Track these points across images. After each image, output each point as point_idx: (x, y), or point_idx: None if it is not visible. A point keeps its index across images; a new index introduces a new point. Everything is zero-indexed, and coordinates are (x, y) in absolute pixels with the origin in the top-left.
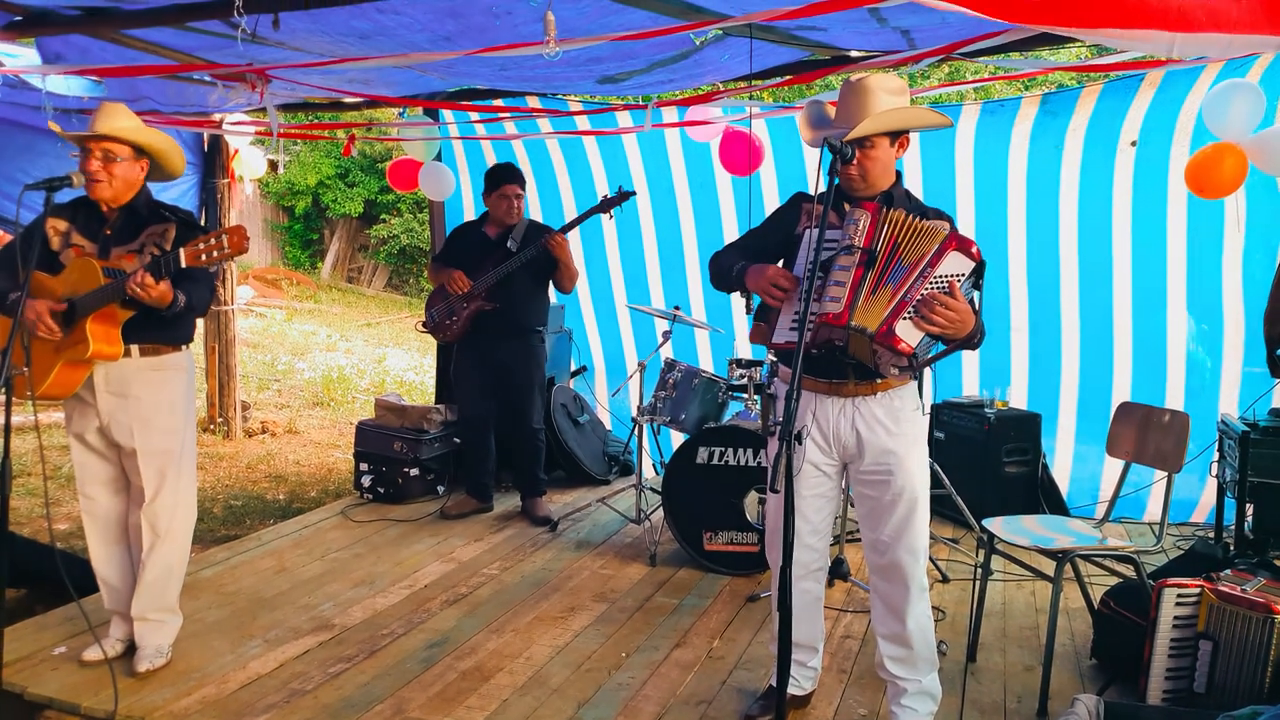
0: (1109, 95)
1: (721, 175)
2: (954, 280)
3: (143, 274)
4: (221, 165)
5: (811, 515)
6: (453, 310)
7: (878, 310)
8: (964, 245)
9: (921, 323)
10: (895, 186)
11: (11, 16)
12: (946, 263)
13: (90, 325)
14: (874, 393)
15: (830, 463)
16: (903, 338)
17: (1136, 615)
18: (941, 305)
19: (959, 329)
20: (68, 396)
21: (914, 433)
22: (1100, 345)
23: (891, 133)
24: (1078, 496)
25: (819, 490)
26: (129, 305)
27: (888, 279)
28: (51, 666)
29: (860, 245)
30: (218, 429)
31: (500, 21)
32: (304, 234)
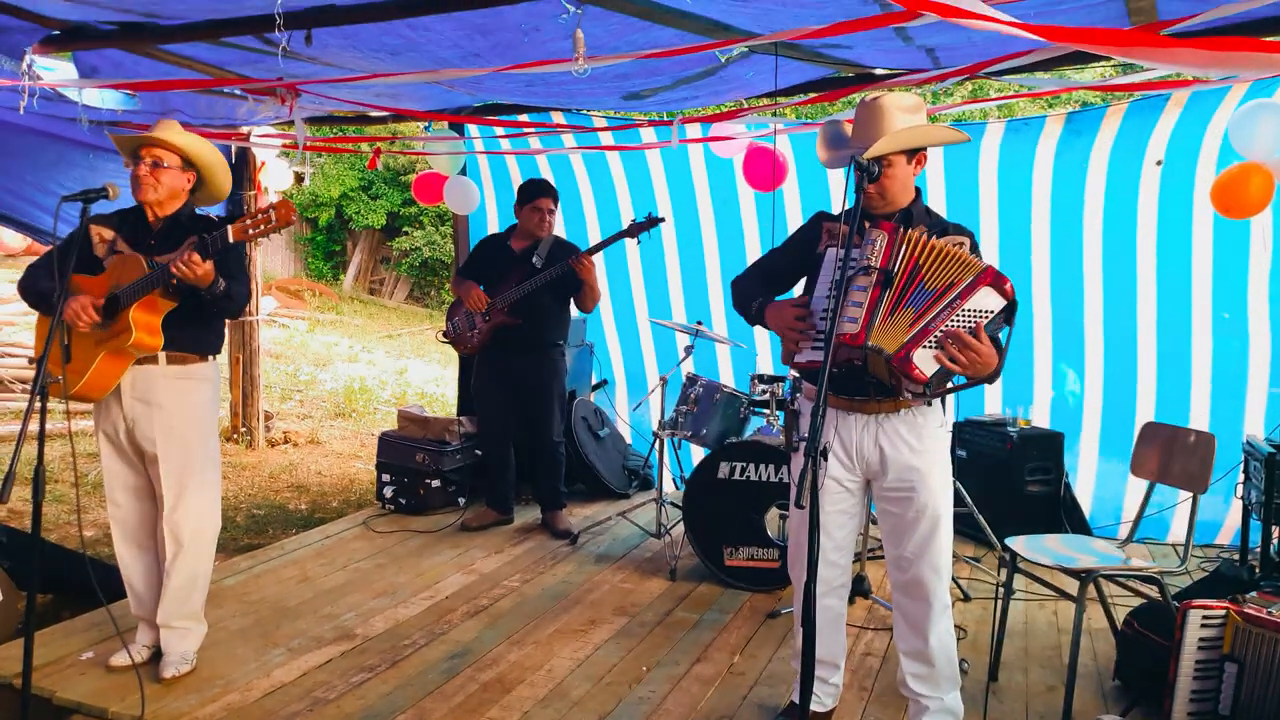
0: (1134, 114)
1: (744, 191)
2: (980, 320)
3: (190, 252)
4: (249, 177)
5: (835, 531)
6: (473, 322)
7: (896, 333)
8: (998, 282)
9: (941, 356)
10: (914, 204)
11: (49, 31)
12: (977, 298)
13: (133, 313)
14: (897, 410)
15: (853, 479)
16: (919, 366)
17: (1161, 636)
18: (964, 343)
19: (979, 369)
20: (102, 397)
21: (937, 450)
22: (1124, 364)
23: (908, 150)
24: (1101, 516)
25: (841, 506)
26: (172, 295)
27: (908, 301)
28: (79, 671)
29: (877, 265)
30: (241, 439)
31: (529, 39)
32: (327, 246)
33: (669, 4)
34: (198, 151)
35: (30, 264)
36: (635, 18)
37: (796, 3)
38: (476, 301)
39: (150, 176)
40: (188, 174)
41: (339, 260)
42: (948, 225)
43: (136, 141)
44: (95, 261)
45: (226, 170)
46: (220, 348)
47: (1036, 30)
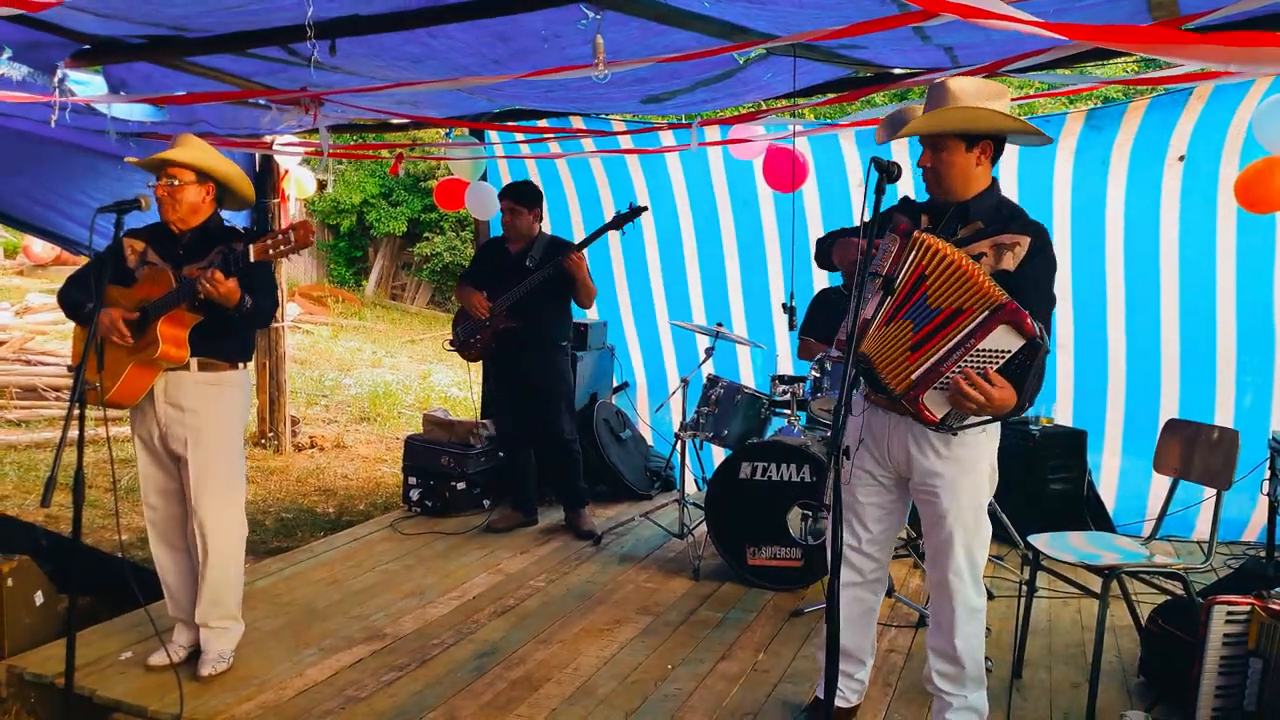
0: (1156, 110)
1: (764, 192)
2: (994, 362)
3: (214, 270)
4: (272, 185)
5: (871, 525)
6: (476, 329)
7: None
8: (1016, 319)
9: (953, 400)
10: (980, 197)
11: (80, 45)
12: (992, 337)
13: (161, 327)
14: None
15: (887, 475)
16: (929, 409)
17: (1185, 633)
18: (975, 389)
19: (994, 410)
20: (133, 403)
21: (969, 456)
22: (1148, 362)
23: (966, 137)
24: (1124, 514)
25: (876, 500)
26: (197, 309)
27: (906, 312)
28: (119, 671)
29: (881, 273)
30: (269, 443)
31: (548, 45)
32: (349, 252)
33: (687, 7)
34: (211, 166)
35: (70, 275)
36: (654, 22)
37: (814, 4)
38: (478, 307)
39: (170, 197)
40: (205, 187)
41: (361, 266)
42: (1012, 222)
43: (153, 164)
44: (129, 273)
45: (244, 177)
46: (251, 355)
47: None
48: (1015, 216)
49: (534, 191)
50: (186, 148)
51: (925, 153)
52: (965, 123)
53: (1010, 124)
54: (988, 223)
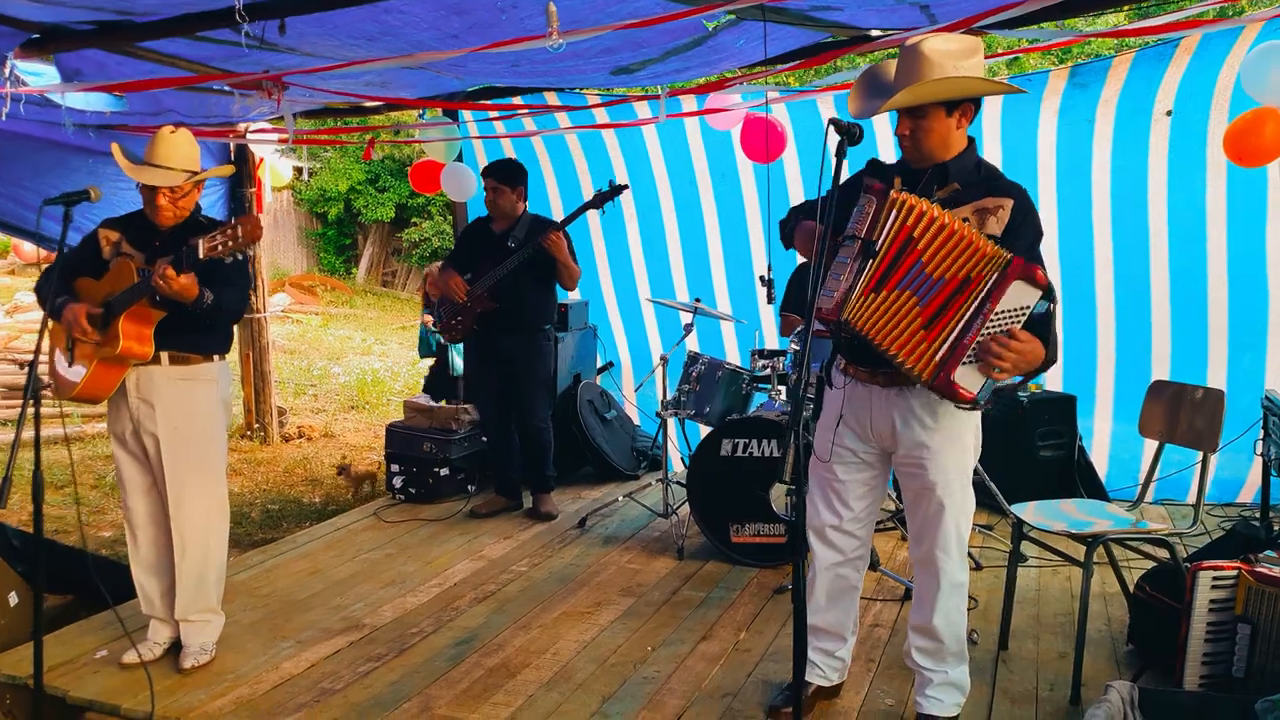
0: (1141, 64)
1: (744, 163)
2: (1017, 320)
3: (165, 266)
4: (248, 174)
5: (852, 503)
6: (457, 310)
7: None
8: (1028, 273)
9: (985, 369)
10: (958, 158)
11: (29, 34)
12: (1008, 297)
13: (122, 323)
14: (913, 384)
15: (869, 450)
16: (963, 386)
17: (1173, 599)
18: (1004, 349)
19: (1026, 367)
20: (104, 398)
21: (954, 428)
22: (1138, 324)
23: (947, 103)
24: (1118, 479)
25: (858, 476)
26: (160, 305)
27: (903, 283)
28: (93, 670)
29: (859, 235)
30: (255, 434)
31: (506, 16)
32: (338, 240)
33: None
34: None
35: (45, 268)
36: None
37: None
38: (456, 290)
39: (171, 206)
40: (199, 185)
41: (351, 254)
42: (992, 183)
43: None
44: (103, 265)
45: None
46: (227, 347)
47: None
48: (994, 177)
49: (516, 169)
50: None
51: (903, 120)
52: (947, 94)
53: (992, 88)
54: (965, 184)
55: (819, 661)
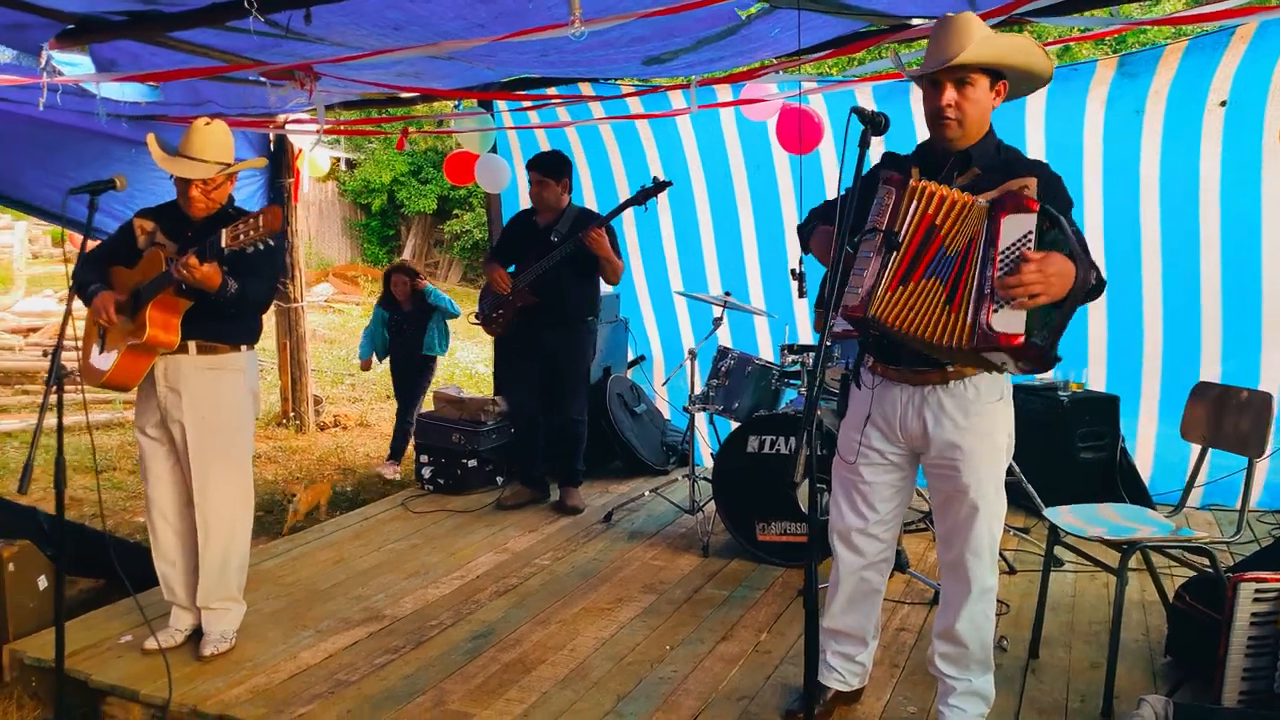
0: (1194, 53)
1: (779, 155)
2: (1026, 245)
3: (189, 255)
4: (287, 165)
5: (878, 505)
6: (500, 304)
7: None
8: (1015, 204)
9: (1016, 305)
10: (979, 143)
11: (64, 26)
12: (1006, 232)
13: (150, 311)
14: (945, 381)
15: (898, 452)
16: (1005, 331)
17: (1213, 610)
18: (1018, 275)
19: (1061, 285)
20: (132, 386)
21: (987, 426)
22: (1187, 322)
23: (993, 72)
24: (1163, 483)
25: (885, 479)
26: (186, 294)
27: (928, 270)
28: (116, 655)
29: (880, 228)
30: (290, 423)
31: (532, 4)
32: (381, 230)
33: None
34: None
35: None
36: None
37: None
38: (500, 284)
39: (204, 197)
40: (232, 177)
41: (394, 245)
42: (1014, 166)
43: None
44: (138, 254)
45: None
46: (255, 338)
47: None
48: (1014, 159)
49: (561, 161)
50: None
51: (948, 91)
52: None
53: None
54: (985, 169)
55: (838, 666)
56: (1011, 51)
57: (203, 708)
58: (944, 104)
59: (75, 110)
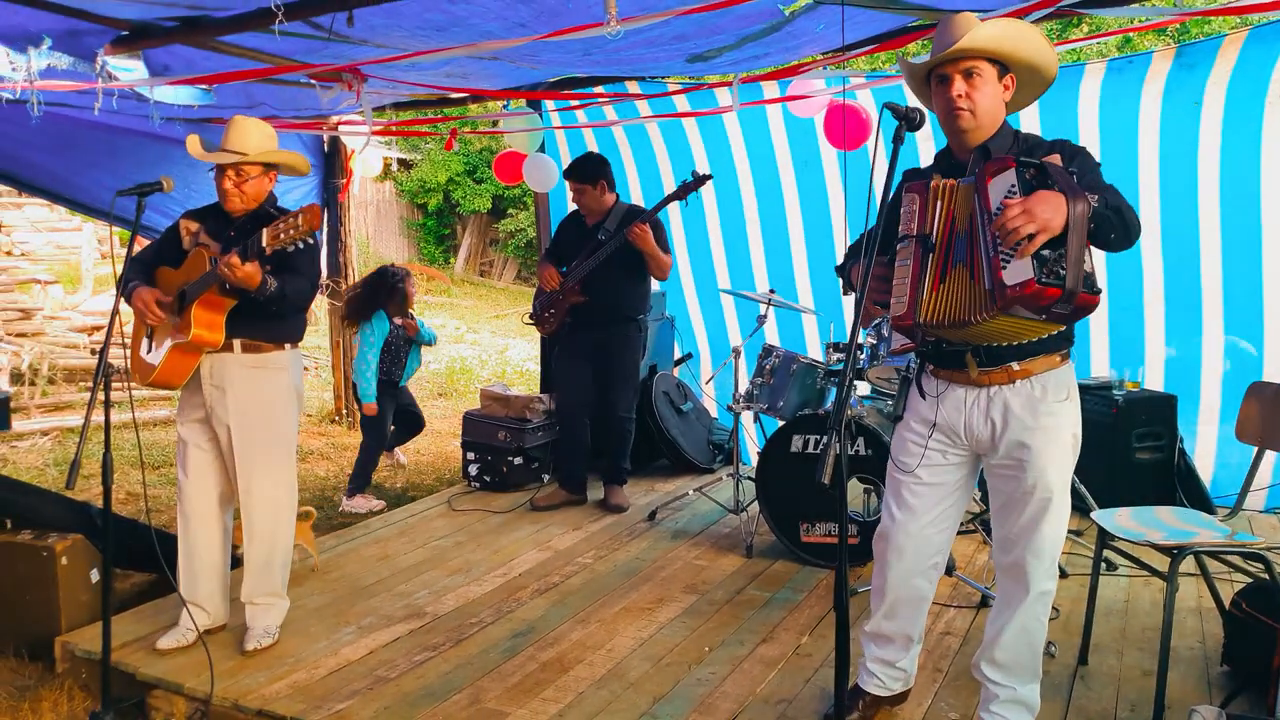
0: (1256, 42)
1: (827, 151)
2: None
3: (230, 255)
4: (340, 166)
5: (932, 506)
6: (550, 303)
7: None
8: (993, 169)
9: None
10: (995, 137)
11: (118, 32)
12: (994, 194)
13: (195, 310)
14: (1011, 381)
15: (958, 453)
16: (1014, 282)
17: (1271, 618)
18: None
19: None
20: (180, 384)
21: (1055, 425)
22: (1249, 321)
23: (999, 63)
24: (1225, 485)
25: (940, 479)
26: (229, 293)
27: (954, 258)
28: (163, 648)
29: (913, 234)
30: (343, 420)
31: (572, 4)
32: (437, 230)
33: None
34: (275, 158)
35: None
36: None
37: None
38: (550, 281)
39: (236, 190)
40: (270, 174)
41: (450, 244)
42: (1041, 146)
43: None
44: (183, 255)
45: (303, 158)
46: (300, 336)
47: None
48: (1037, 143)
49: (595, 165)
50: (247, 135)
51: (956, 82)
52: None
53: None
54: (1019, 153)
55: (878, 671)
56: (1010, 37)
57: (244, 702)
58: (954, 95)
59: (132, 114)
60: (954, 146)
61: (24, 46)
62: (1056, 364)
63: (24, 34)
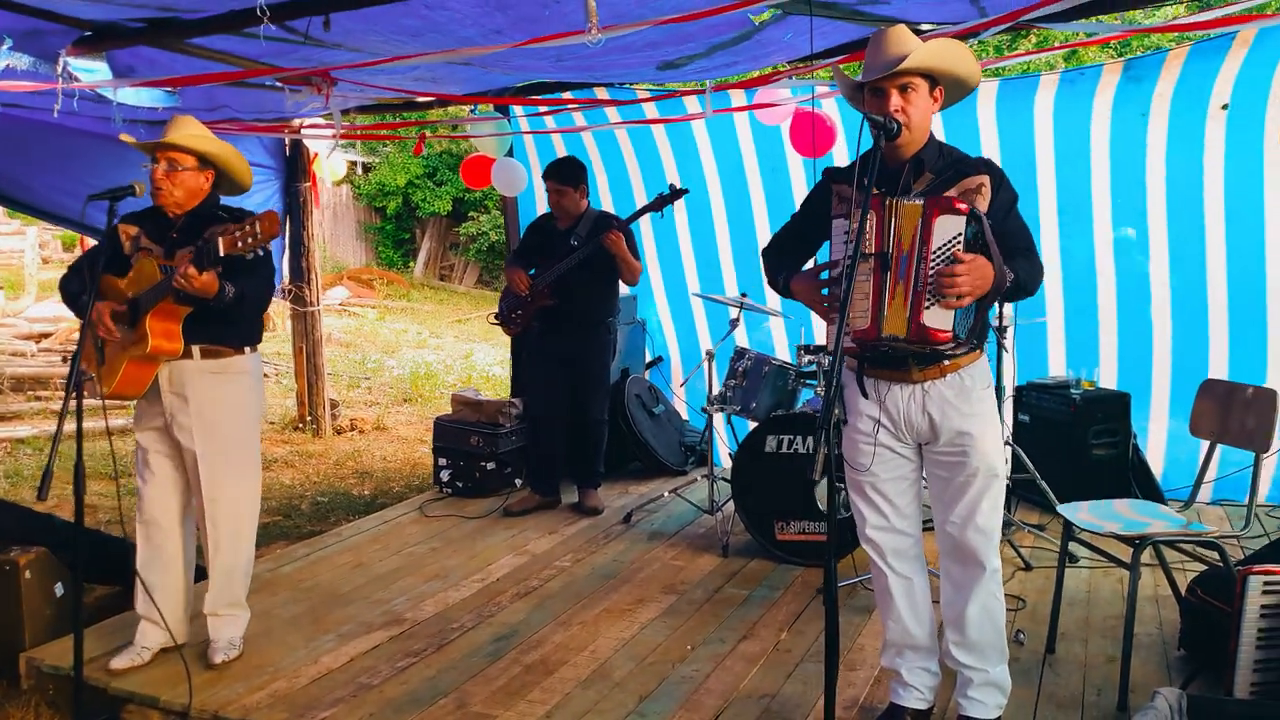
0: (1197, 57)
1: (793, 158)
2: (955, 247)
3: (186, 265)
4: (303, 169)
5: (896, 499)
6: (518, 304)
7: (900, 312)
8: (945, 205)
9: (946, 303)
10: (925, 147)
11: (81, 32)
12: (938, 232)
13: (150, 322)
14: (943, 375)
15: (906, 446)
16: (935, 328)
17: (1225, 604)
18: (952, 277)
19: (984, 286)
20: (139, 395)
21: (987, 411)
22: (1194, 321)
23: (930, 77)
24: (1174, 479)
25: (899, 473)
26: (183, 300)
27: (899, 275)
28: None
29: (872, 250)
30: (307, 427)
31: (550, 11)
32: (396, 234)
33: None
34: (211, 151)
35: (70, 264)
36: None
37: None
38: (519, 285)
39: (166, 180)
40: (205, 173)
41: (409, 248)
42: (967, 161)
43: (150, 146)
44: (125, 260)
45: (244, 162)
46: (258, 338)
47: None
48: (961, 158)
49: (576, 168)
50: (185, 128)
51: (893, 97)
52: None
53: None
54: (938, 171)
55: (915, 683)
56: (946, 55)
57: (224, 713)
58: (891, 109)
59: (91, 116)
60: (885, 155)
61: None
62: (976, 357)
63: None
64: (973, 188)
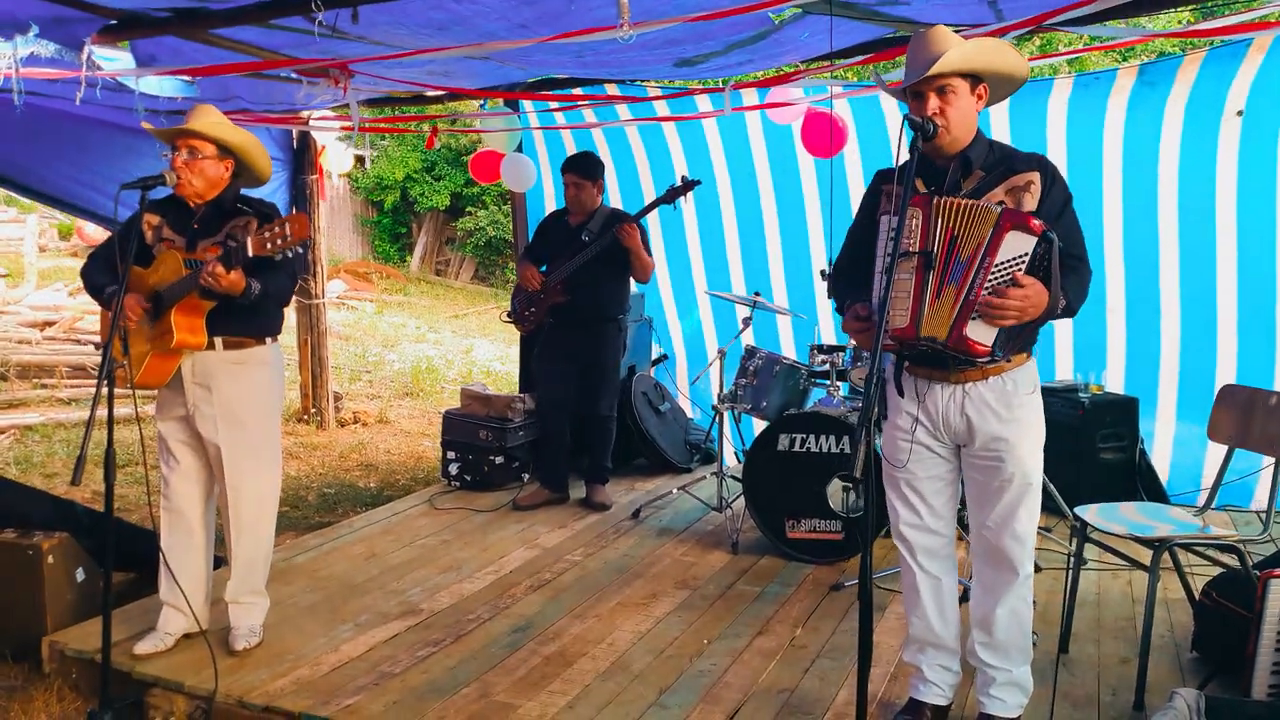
0: (1212, 62)
1: (804, 158)
2: (1018, 268)
3: (214, 264)
4: (310, 161)
5: (931, 499)
6: (531, 301)
7: (944, 315)
8: (1020, 222)
9: (993, 320)
10: (974, 145)
11: (107, 21)
12: (1005, 247)
13: (174, 316)
14: (985, 377)
15: (944, 445)
16: (976, 340)
17: (1241, 607)
18: (1007, 299)
19: (1036, 313)
20: (161, 385)
21: (1028, 417)
22: (1203, 326)
23: (971, 76)
24: (1179, 483)
25: (935, 472)
26: (208, 296)
27: (949, 278)
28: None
29: (916, 249)
30: (311, 419)
31: (575, 6)
32: (392, 228)
33: None
34: (231, 140)
35: (91, 252)
36: None
37: None
38: (531, 281)
39: (186, 169)
40: (225, 162)
41: (405, 242)
42: (1017, 155)
43: (171, 133)
44: (147, 251)
45: (264, 153)
46: (279, 329)
47: None
48: (1010, 154)
49: (595, 163)
50: (206, 118)
51: (931, 100)
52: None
53: (1022, 64)
54: (986, 169)
55: (936, 680)
56: (981, 54)
57: (249, 699)
58: (929, 112)
59: (110, 105)
60: (930, 154)
61: (10, 34)
62: (1024, 360)
63: (11, 21)
64: (1020, 185)
